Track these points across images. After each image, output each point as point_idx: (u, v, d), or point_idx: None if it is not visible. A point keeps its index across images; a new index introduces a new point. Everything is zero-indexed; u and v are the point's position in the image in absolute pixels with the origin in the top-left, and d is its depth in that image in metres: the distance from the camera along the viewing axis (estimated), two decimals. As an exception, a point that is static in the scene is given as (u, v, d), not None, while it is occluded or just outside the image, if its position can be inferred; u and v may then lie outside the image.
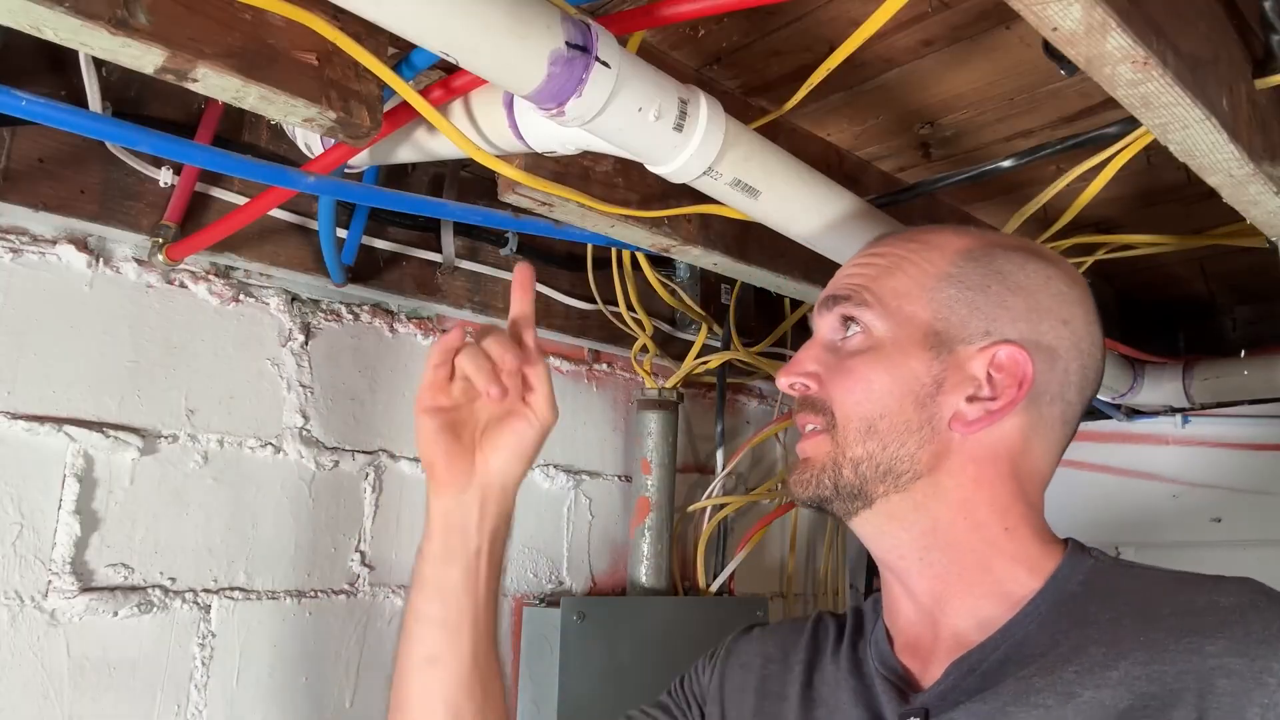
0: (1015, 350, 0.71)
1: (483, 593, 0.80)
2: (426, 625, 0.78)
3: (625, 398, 1.58)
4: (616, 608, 1.41)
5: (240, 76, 0.70)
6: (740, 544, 1.64)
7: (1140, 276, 1.83)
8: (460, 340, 0.77)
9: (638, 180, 1.00)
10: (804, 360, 0.76)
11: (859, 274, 0.77)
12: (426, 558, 0.79)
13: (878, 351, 0.73)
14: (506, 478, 0.81)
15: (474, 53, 0.66)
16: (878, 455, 0.71)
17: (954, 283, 0.74)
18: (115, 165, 1.02)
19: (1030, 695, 0.62)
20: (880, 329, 0.73)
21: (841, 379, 0.73)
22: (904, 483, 0.71)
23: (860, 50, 0.85)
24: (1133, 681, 0.60)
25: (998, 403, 0.70)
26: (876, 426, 0.71)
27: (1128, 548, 1.85)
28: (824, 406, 0.74)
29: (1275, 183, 0.89)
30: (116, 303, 1.05)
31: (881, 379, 0.72)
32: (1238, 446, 1.80)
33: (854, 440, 0.72)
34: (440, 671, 0.77)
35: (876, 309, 0.74)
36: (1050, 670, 0.63)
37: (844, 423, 0.72)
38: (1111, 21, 0.62)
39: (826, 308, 0.77)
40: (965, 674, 0.68)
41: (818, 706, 0.76)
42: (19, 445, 0.97)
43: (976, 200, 1.46)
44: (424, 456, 0.79)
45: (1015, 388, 0.70)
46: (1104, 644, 0.63)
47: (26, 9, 0.60)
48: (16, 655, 0.95)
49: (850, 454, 0.72)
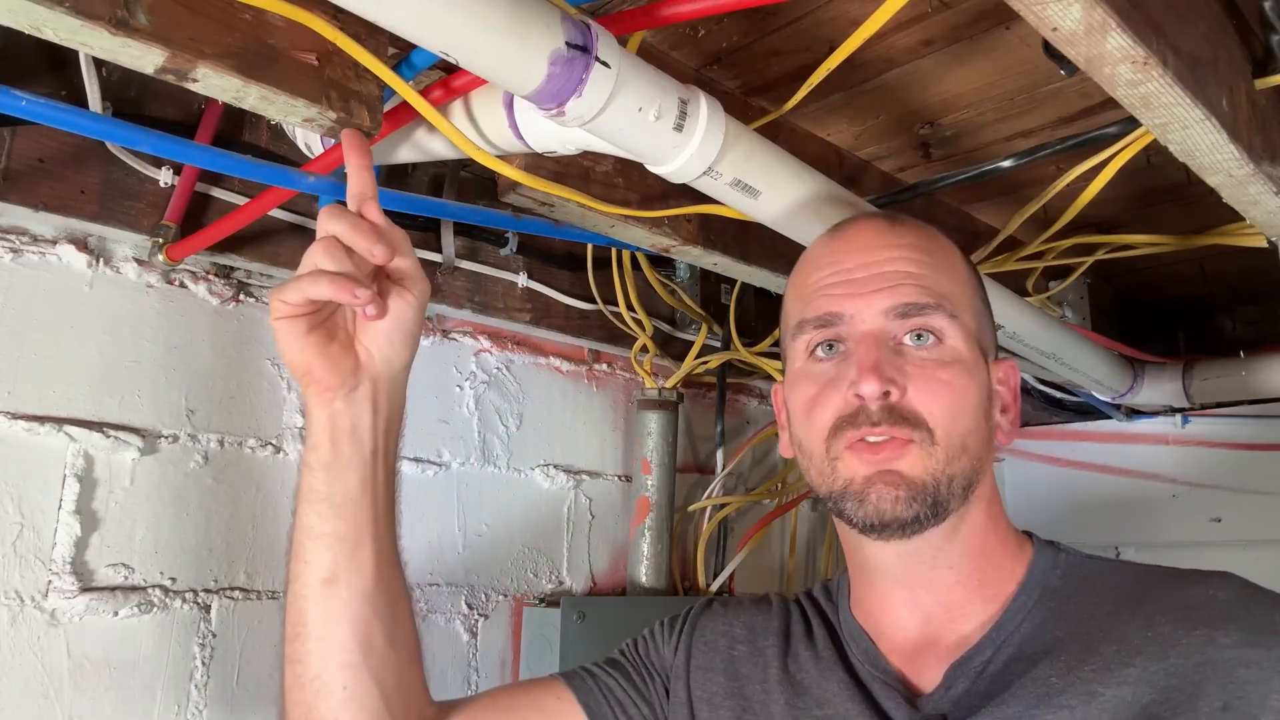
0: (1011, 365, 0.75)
1: (382, 498, 0.73)
2: (321, 542, 0.71)
3: (625, 398, 1.59)
4: (616, 608, 1.41)
5: (240, 76, 0.70)
6: (740, 544, 1.64)
7: (1140, 276, 1.83)
8: None
9: (638, 180, 1.01)
10: (884, 364, 0.69)
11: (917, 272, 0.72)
12: (314, 469, 0.71)
13: (964, 364, 0.71)
14: (394, 365, 0.73)
15: (474, 53, 0.66)
16: (967, 472, 0.69)
17: (977, 292, 0.76)
18: (115, 165, 1.02)
19: (1052, 696, 0.62)
20: (961, 340, 0.71)
21: (941, 392, 0.69)
22: (970, 496, 0.71)
23: (860, 50, 0.85)
24: (1152, 677, 0.61)
25: (1011, 414, 0.74)
26: (968, 443, 0.69)
27: (1128, 548, 1.85)
28: (917, 419, 0.68)
29: (1275, 183, 0.89)
30: (117, 303, 1.05)
31: (971, 394, 0.70)
32: (1238, 446, 1.80)
33: (954, 456, 0.68)
34: (342, 591, 0.71)
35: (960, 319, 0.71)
36: (1066, 670, 0.64)
37: (945, 439, 0.68)
38: (1111, 22, 0.62)
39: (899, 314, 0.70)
40: (972, 678, 0.67)
41: (801, 694, 0.75)
42: (19, 445, 0.97)
43: (976, 200, 1.46)
44: (295, 365, 0.70)
45: (1015, 399, 0.74)
46: (1114, 641, 0.64)
47: (26, 9, 0.60)
48: (16, 655, 0.95)
49: (948, 471, 0.68)
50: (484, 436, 1.37)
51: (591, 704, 0.80)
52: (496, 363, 1.41)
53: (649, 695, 0.82)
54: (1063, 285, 1.63)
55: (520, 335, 1.44)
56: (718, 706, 0.78)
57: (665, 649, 0.85)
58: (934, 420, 0.68)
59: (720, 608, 0.86)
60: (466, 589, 1.32)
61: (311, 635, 0.71)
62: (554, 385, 1.49)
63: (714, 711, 0.78)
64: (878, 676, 0.72)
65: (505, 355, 1.42)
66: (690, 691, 0.80)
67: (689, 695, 0.80)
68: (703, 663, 0.81)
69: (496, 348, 1.41)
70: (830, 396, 0.71)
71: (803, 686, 0.75)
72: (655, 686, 0.83)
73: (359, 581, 0.71)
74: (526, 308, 1.39)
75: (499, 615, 1.36)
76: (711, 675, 0.80)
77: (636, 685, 0.83)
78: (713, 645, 0.82)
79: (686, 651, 0.83)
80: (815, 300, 0.74)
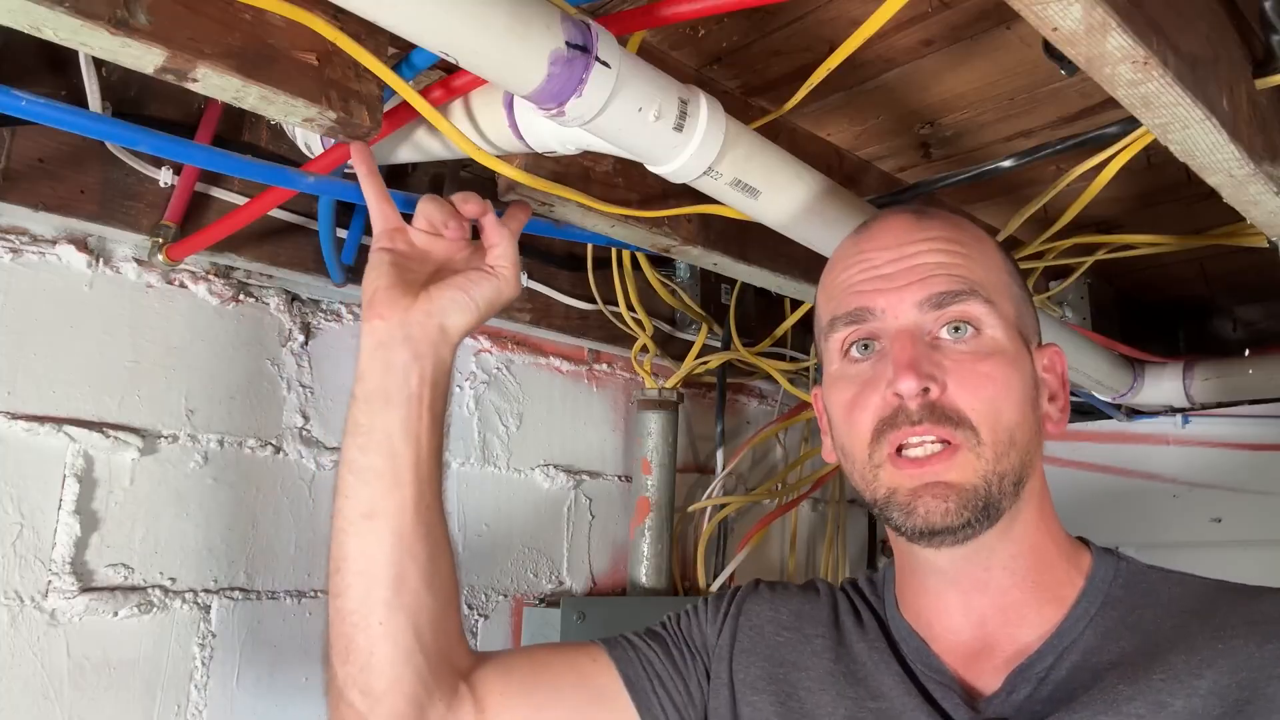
0: (1056, 350, 0.72)
1: (426, 447, 0.74)
2: (363, 477, 0.73)
3: (625, 398, 1.58)
4: (616, 608, 1.41)
5: (240, 76, 0.70)
6: (740, 544, 1.64)
7: (1140, 276, 1.83)
8: None
9: (638, 180, 1.00)
10: (922, 360, 0.66)
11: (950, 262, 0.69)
12: (359, 400, 0.74)
13: (1005, 355, 0.68)
14: (447, 322, 0.75)
15: (474, 53, 0.66)
16: (1018, 468, 0.67)
17: (1014, 278, 0.73)
18: (115, 165, 1.02)
19: (1120, 704, 0.61)
20: (999, 329, 0.69)
21: (982, 385, 0.66)
22: (1021, 492, 0.68)
23: (860, 50, 0.85)
24: (1224, 690, 0.60)
25: (1060, 401, 0.71)
26: (1015, 437, 0.67)
27: (1128, 548, 1.82)
28: (960, 417, 0.66)
29: (1275, 182, 0.89)
30: (116, 303, 1.05)
31: (1016, 384, 0.67)
32: (1238, 446, 1.80)
33: (1002, 453, 0.66)
34: (380, 526, 0.72)
35: (997, 308, 0.69)
36: (1134, 679, 0.62)
37: (991, 435, 0.65)
38: (1111, 21, 0.62)
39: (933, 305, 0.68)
40: (1035, 684, 0.66)
41: (855, 685, 0.73)
42: (19, 445, 0.97)
43: (977, 200, 1.46)
44: (365, 289, 0.75)
45: (1063, 385, 0.72)
46: (1183, 652, 0.62)
47: (26, 9, 0.60)
48: (16, 655, 0.95)
49: (998, 469, 0.66)
50: (484, 436, 1.37)
51: (630, 674, 0.79)
52: (496, 363, 1.41)
53: (686, 673, 0.81)
54: (1063, 285, 1.63)
55: (520, 335, 1.44)
56: (760, 691, 0.77)
57: (709, 629, 0.83)
58: (977, 416, 0.66)
59: (767, 591, 0.85)
60: (466, 589, 1.32)
61: (350, 569, 0.73)
62: (554, 385, 1.49)
63: (756, 695, 0.77)
64: (932, 676, 0.70)
65: (505, 355, 1.42)
66: (733, 674, 0.79)
67: (731, 678, 0.79)
68: (747, 646, 0.80)
69: (496, 348, 1.41)
70: (869, 397, 0.69)
71: (856, 678, 0.73)
72: (695, 665, 0.82)
73: (396, 521, 0.72)
74: (526, 308, 1.39)
75: (499, 615, 1.35)
76: (755, 660, 0.79)
77: (675, 661, 0.81)
78: (758, 630, 0.81)
79: (732, 633, 0.82)
80: (845, 298, 0.72)
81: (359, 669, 0.72)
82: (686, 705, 0.79)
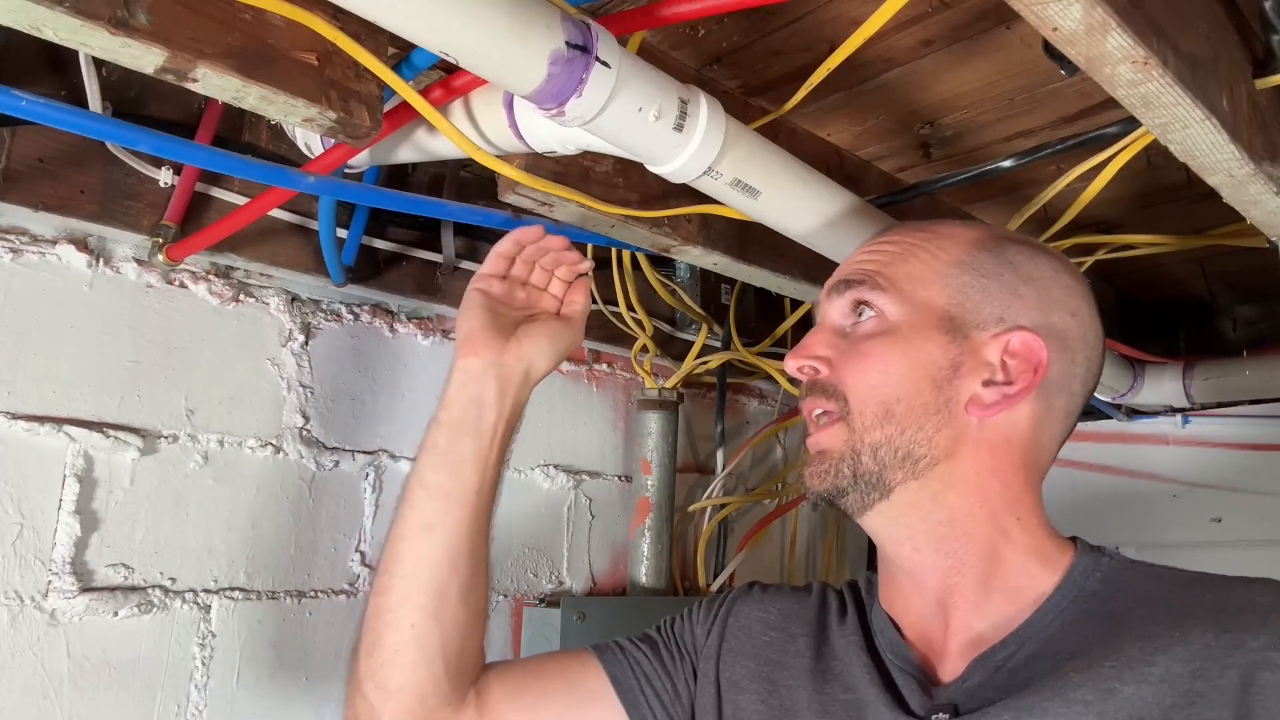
0: (1030, 336, 0.71)
1: (489, 476, 0.83)
2: (430, 493, 0.81)
3: (625, 398, 1.58)
4: (617, 608, 1.41)
5: (240, 76, 0.70)
6: (740, 544, 1.64)
7: (1140, 276, 1.83)
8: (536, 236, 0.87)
9: (638, 180, 1.00)
10: (813, 344, 0.75)
11: (870, 260, 0.76)
12: (441, 424, 0.83)
13: (893, 335, 0.72)
14: (533, 365, 0.85)
15: (474, 53, 0.66)
16: (896, 440, 0.70)
17: (968, 270, 0.74)
18: (115, 165, 1.02)
19: (1068, 690, 0.61)
20: (895, 313, 0.73)
21: (856, 361, 0.72)
22: (921, 469, 0.70)
23: (860, 50, 0.85)
24: (1176, 678, 0.59)
25: (1014, 387, 0.70)
26: (893, 410, 0.70)
27: (1128, 548, 1.82)
28: (836, 391, 0.73)
29: (1275, 182, 0.89)
30: (116, 303, 1.05)
31: (898, 361, 0.71)
32: (1238, 446, 1.80)
33: (871, 425, 0.71)
34: (435, 540, 0.80)
35: (891, 293, 0.73)
36: (1087, 666, 0.62)
37: (859, 407, 0.71)
38: (1111, 21, 0.62)
39: (837, 292, 0.76)
40: (991, 671, 0.67)
41: (830, 680, 0.75)
42: (19, 445, 0.97)
43: (977, 200, 1.46)
44: (463, 325, 0.84)
45: (1031, 373, 0.71)
46: (1138, 639, 0.62)
47: (26, 9, 0.60)
48: (16, 655, 0.95)
49: (868, 439, 0.70)
50: (484, 436, 1.37)
51: (618, 675, 0.84)
52: (496, 363, 1.41)
53: (674, 673, 0.84)
54: (1063, 285, 1.62)
55: (520, 335, 1.44)
56: (744, 689, 0.79)
57: (699, 630, 0.86)
58: (849, 389, 0.72)
59: (759, 592, 0.88)
60: (466, 589, 1.32)
61: (399, 573, 0.80)
62: (554, 385, 1.49)
63: (740, 694, 0.79)
64: (898, 664, 0.73)
65: (505, 355, 1.42)
66: (719, 673, 0.82)
67: (718, 677, 0.82)
68: (734, 646, 0.83)
69: (496, 348, 1.41)
70: None
71: (832, 673, 0.76)
72: (684, 665, 0.85)
73: (451, 538, 0.80)
74: (526, 308, 1.39)
75: (499, 615, 1.35)
76: (741, 659, 0.81)
77: (664, 662, 0.85)
78: (746, 630, 0.83)
79: (720, 634, 0.84)
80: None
81: (380, 665, 0.79)
82: (674, 703, 0.83)
